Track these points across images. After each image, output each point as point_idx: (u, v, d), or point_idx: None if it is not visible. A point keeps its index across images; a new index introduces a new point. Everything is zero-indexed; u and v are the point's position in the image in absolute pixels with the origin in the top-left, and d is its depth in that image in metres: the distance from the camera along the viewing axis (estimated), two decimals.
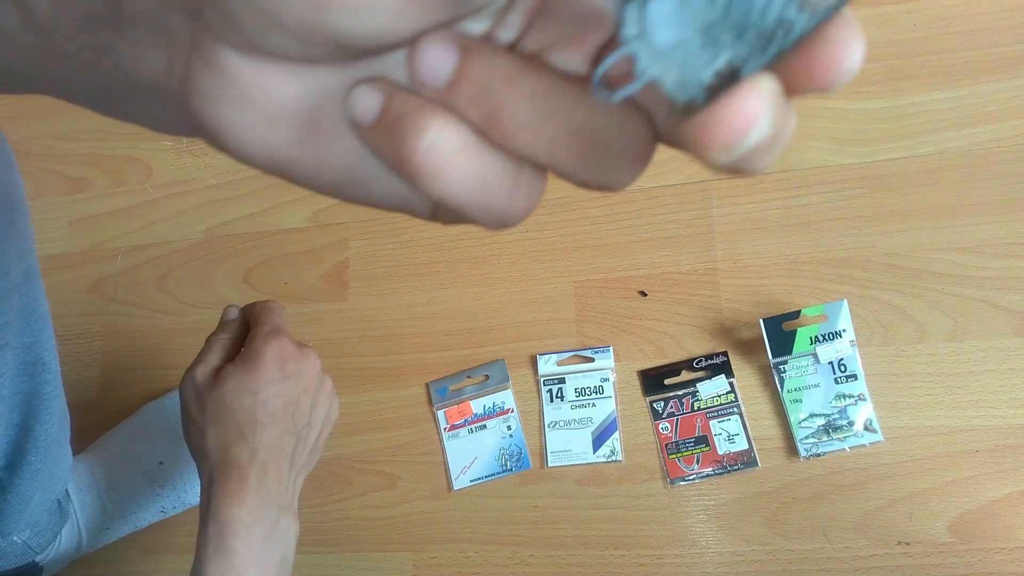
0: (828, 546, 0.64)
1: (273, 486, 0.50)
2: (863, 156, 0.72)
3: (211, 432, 0.51)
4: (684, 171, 0.75)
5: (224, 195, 0.86)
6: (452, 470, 0.73)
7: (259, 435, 0.50)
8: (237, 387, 0.51)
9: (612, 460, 0.70)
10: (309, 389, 0.53)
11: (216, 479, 0.49)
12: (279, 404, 0.51)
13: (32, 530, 0.63)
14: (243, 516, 0.48)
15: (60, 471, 0.61)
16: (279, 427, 0.51)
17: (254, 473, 0.49)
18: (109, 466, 0.72)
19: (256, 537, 0.48)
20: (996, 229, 0.68)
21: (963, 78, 0.71)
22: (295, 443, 0.52)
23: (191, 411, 0.52)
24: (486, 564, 0.70)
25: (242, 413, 0.50)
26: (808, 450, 0.66)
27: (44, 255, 0.89)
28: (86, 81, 0.21)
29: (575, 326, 0.73)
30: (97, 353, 0.84)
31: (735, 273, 0.71)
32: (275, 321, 0.54)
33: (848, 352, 0.66)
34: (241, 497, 0.48)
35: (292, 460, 0.52)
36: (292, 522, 0.51)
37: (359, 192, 0.20)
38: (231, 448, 0.50)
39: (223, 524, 0.47)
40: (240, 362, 0.52)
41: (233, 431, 0.50)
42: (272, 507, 0.49)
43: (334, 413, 0.57)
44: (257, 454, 0.50)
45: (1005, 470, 0.63)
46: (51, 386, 0.52)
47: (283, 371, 0.52)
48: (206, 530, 0.48)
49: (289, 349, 0.53)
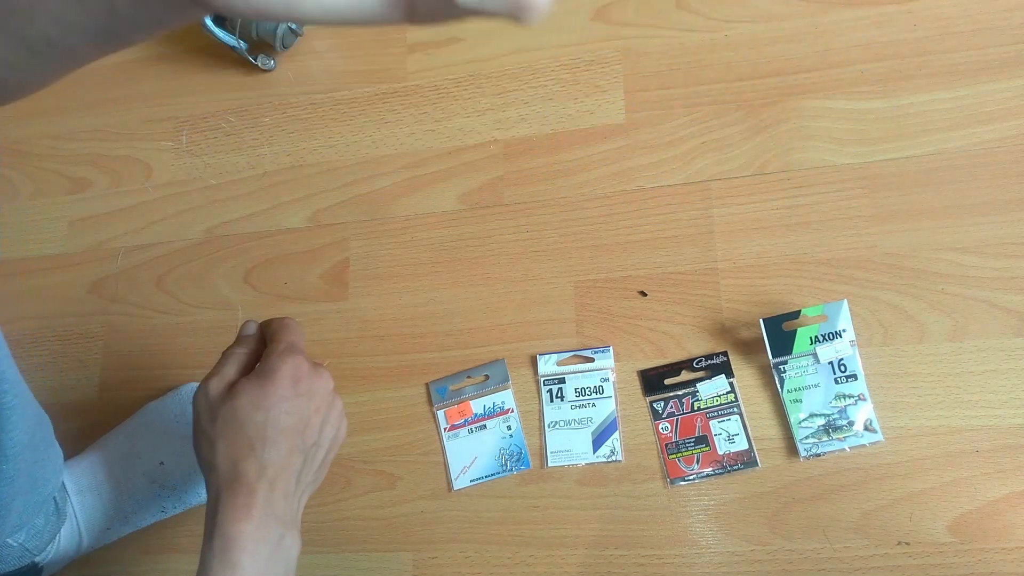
0: (828, 546, 0.65)
1: (279, 503, 0.50)
2: (863, 156, 0.72)
3: (221, 445, 0.51)
4: (684, 171, 0.75)
5: (224, 195, 0.86)
6: (452, 470, 0.73)
7: (268, 451, 0.50)
8: (250, 402, 0.51)
9: (612, 460, 0.70)
10: (320, 409, 0.54)
11: (224, 493, 0.49)
12: (290, 422, 0.51)
13: (28, 532, 0.64)
14: (250, 531, 0.48)
15: (44, 474, 0.61)
16: (289, 444, 0.51)
17: (262, 489, 0.49)
18: (110, 466, 0.72)
19: (262, 553, 0.48)
20: (996, 229, 0.68)
21: (963, 78, 0.71)
22: (303, 461, 0.53)
23: (202, 423, 0.52)
24: (486, 564, 0.70)
25: (253, 428, 0.51)
26: (808, 450, 0.66)
27: (44, 255, 0.89)
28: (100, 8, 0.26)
29: (575, 326, 0.74)
30: (97, 353, 0.84)
31: (735, 273, 0.71)
32: (291, 339, 0.55)
33: (848, 352, 0.66)
34: (248, 512, 0.48)
35: (299, 478, 0.53)
36: (295, 540, 0.51)
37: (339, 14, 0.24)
38: (240, 463, 0.50)
39: (230, 539, 0.48)
40: (254, 377, 0.52)
41: (243, 446, 0.50)
42: (278, 524, 0.50)
43: (342, 434, 0.57)
44: (266, 470, 0.50)
45: (1005, 470, 0.63)
46: (10, 395, 0.51)
47: (296, 389, 0.52)
48: (211, 544, 0.48)
49: (304, 368, 0.53)
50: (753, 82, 0.76)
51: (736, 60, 0.77)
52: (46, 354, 0.85)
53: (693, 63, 0.78)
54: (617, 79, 0.79)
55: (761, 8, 0.78)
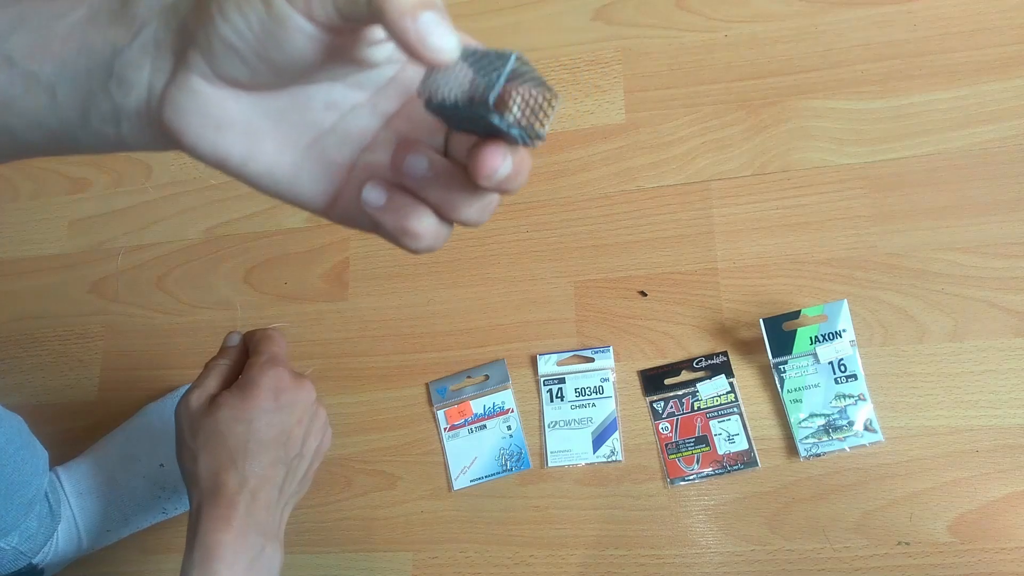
0: (828, 546, 0.65)
1: (261, 514, 0.50)
2: (863, 156, 0.72)
3: (203, 458, 0.51)
4: (684, 171, 0.75)
5: (224, 195, 0.86)
6: (452, 470, 0.73)
7: (250, 463, 0.51)
8: (231, 415, 0.51)
9: (612, 460, 0.70)
10: (303, 420, 0.54)
11: (205, 504, 0.50)
12: (271, 434, 0.51)
13: (21, 535, 0.64)
14: (229, 541, 0.48)
15: (25, 475, 0.61)
16: (270, 456, 0.51)
17: (243, 500, 0.50)
18: (109, 469, 0.72)
19: (241, 563, 0.48)
20: (996, 229, 0.68)
21: (963, 78, 0.71)
22: (285, 473, 0.53)
23: (184, 436, 0.53)
24: (486, 564, 0.70)
25: (234, 440, 0.51)
26: (808, 450, 0.66)
27: (44, 255, 0.89)
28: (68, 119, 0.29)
29: (575, 326, 0.73)
30: (97, 353, 0.84)
31: (735, 273, 0.71)
32: (273, 350, 0.55)
33: (848, 352, 0.66)
34: (228, 523, 0.49)
35: (281, 490, 0.53)
36: (276, 551, 0.51)
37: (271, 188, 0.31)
38: (221, 475, 0.50)
39: (209, 548, 0.48)
40: (236, 390, 0.52)
41: (224, 458, 0.50)
42: (258, 535, 0.50)
43: (326, 445, 0.58)
44: (247, 482, 0.50)
45: (1005, 470, 0.63)
46: None
47: (277, 401, 0.52)
48: (192, 554, 0.48)
49: (285, 379, 0.53)
50: (753, 82, 0.76)
51: (736, 60, 0.77)
52: (46, 354, 0.85)
53: (693, 63, 0.78)
54: (617, 79, 0.79)
55: (761, 8, 0.78)
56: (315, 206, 0.32)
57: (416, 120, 0.31)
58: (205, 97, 0.27)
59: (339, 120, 0.31)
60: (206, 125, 0.28)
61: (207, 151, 0.29)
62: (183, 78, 0.27)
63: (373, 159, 0.31)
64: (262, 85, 0.28)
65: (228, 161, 0.29)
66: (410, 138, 0.30)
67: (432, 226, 0.30)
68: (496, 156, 0.26)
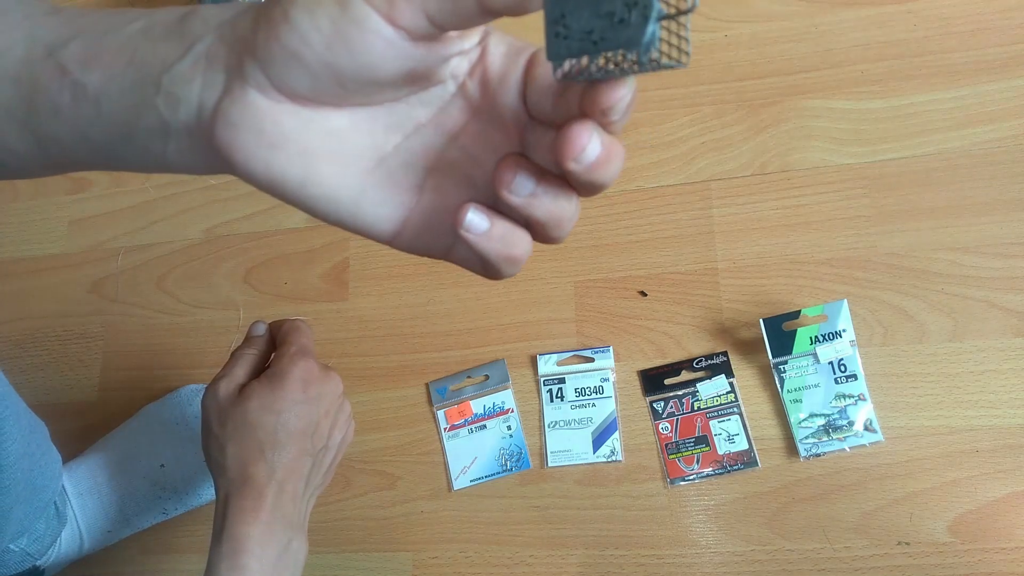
0: (828, 546, 0.65)
1: (288, 507, 0.50)
2: (863, 156, 0.72)
3: (231, 448, 0.51)
4: (684, 171, 0.75)
5: (224, 195, 0.86)
6: (452, 470, 0.73)
7: (278, 454, 0.51)
8: (260, 405, 0.51)
9: (612, 460, 0.70)
10: (330, 412, 0.54)
11: (233, 496, 0.50)
12: (300, 425, 0.52)
13: (30, 538, 0.64)
14: (258, 535, 0.48)
15: (43, 480, 0.61)
16: (298, 448, 0.51)
17: (271, 492, 0.50)
18: (110, 470, 0.72)
19: (269, 556, 0.48)
20: (996, 229, 0.68)
21: (963, 78, 0.71)
22: (311, 465, 0.53)
23: (212, 425, 0.53)
24: (486, 564, 0.70)
25: (263, 432, 0.51)
26: (808, 450, 0.66)
27: (44, 255, 0.89)
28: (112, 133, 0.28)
29: (575, 326, 0.74)
30: (97, 353, 0.84)
31: (735, 273, 0.71)
32: (302, 341, 0.55)
33: (848, 352, 0.66)
34: (257, 515, 0.49)
35: (307, 482, 0.53)
36: (303, 543, 0.51)
37: (333, 214, 0.28)
38: (250, 466, 0.50)
39: (238, 541, 0.48)
40: (265, 380, 0.52)
41: (253, 448, 0.50)
42: (286, 527, 0.50)
43: (350, 437, 0.58)
44: (275, 473, 0.50)
45: (1005, 470, 0.63)
46: (1, 406, 0.52)
47: (307, 393, 0.52)
48: (219, 546, 0.48)
49: (314, 371, 0.53)
50: (753, 82, 0.76)
51: (736, 60, 0.77)
52: (46, 354, 0.85)
53: (693, 63, 0.78)
54: None
55: (761, 8, 0.78)
56: (381, 233, 0.29)
57: (484, 136, 0.29)
58: (260, 111, 0.26)
59: (403, 141, 0.29)
60: (260, 143, 0.26)
61: (259, 171, 0.27)
62: (238, 91, 0.26)
63: (442, 182, 0.29)
64: (323, 98, 0.26)
65: (285, 183, 0.27)
66: (510, 156, 0.28)
67: (529, 248, 0.28)
68: (583, 133, 0.25)
